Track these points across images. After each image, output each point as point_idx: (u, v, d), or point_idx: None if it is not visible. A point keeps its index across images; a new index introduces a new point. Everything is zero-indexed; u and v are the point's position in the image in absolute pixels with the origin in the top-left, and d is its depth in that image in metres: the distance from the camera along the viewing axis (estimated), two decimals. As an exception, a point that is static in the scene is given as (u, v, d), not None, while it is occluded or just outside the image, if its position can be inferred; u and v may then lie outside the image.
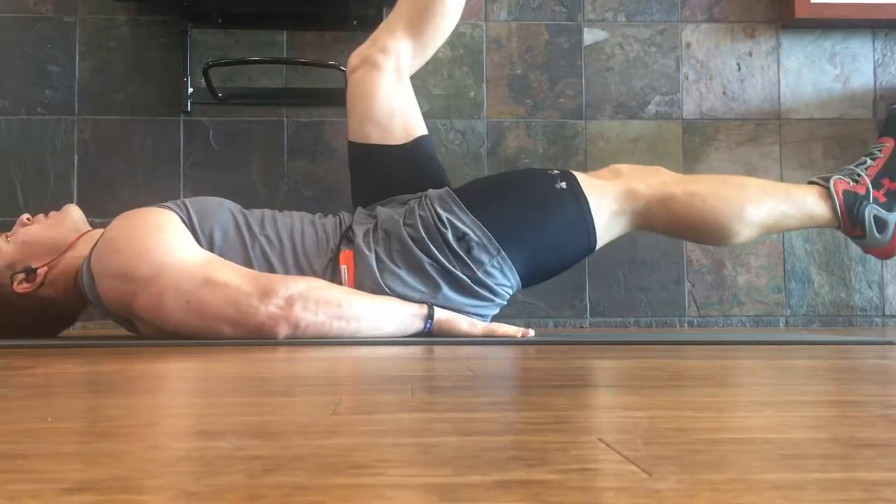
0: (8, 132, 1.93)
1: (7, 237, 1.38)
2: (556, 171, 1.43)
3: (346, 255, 1.32)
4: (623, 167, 1.46)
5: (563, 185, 1.38)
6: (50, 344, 1.20)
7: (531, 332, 1.33)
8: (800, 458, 0.33)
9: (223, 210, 1.36)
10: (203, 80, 1.85)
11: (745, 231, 1.44)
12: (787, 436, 0.39)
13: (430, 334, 1.29)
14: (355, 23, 1.95)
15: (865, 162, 1.51)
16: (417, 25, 1.51)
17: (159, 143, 1.95)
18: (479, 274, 1.32)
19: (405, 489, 0.28)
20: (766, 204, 1.44)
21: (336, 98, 1.95)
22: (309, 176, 1.96)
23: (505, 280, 1.36)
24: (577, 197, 1.38)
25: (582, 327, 1.97)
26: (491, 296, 1.36)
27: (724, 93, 2.05)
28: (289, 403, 0.52)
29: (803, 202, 1.45)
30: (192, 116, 1.95)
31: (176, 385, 0.66)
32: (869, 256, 2.03)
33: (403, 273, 1.30)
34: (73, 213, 1.42)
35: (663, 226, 1.45)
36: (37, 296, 1.34)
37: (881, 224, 1.45)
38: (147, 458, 0.34)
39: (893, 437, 0.39)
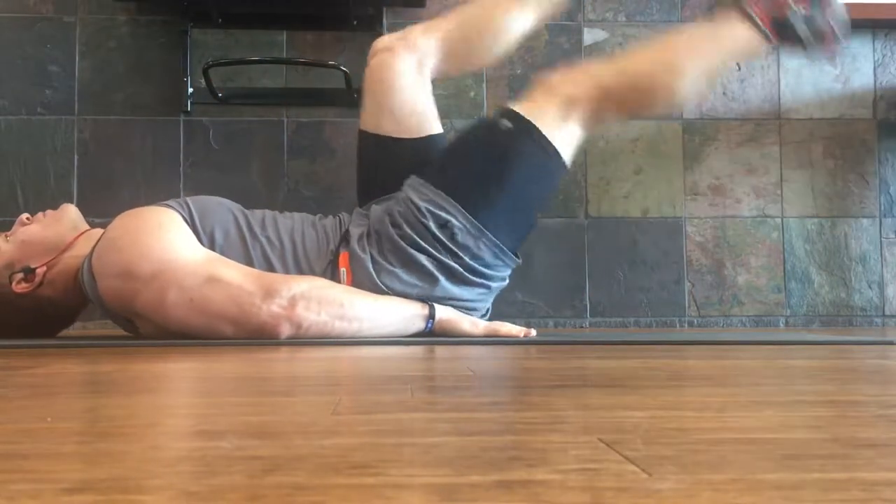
0: (8, 132, 1.93)
1: (6, 237, 1.38)
2: (495, 113, 1.42)
3: (344, 257, 1.32)
4: (552, 79, 1.44)
5: (508, 123, 1.37)
6: (50, 344, 1.20)
7: (533, 332, 1.33)
8: (800, 458, 0.33)
9: (224, 210, 1.36)
10: (203, 80, 1.85)
11: (689, 80, 1.42)
12: (787, 436, 0.39)
13: (432, 334, 1.29)
14: (355, 23, 1.95)
15: None
16: (455, 38, 1.51)
17: (159, 143, 1.95)
18: (468, 259, 1.32)
19: (405, 489, 0.28)
20: (696, 47, 1.44)
21: (336, 98, 1.95)
22: (309, 176, 1.96)
23: (497, 261, 1.36)
24: (527, 130, 1.37)
25: (582, 327, 1.97)
26: (486, 282, 1.36)
27: (724, 93, 2.05)
28: (289, 403, 0.52)
29: (730, 34, 1.44)
30: (192, 116, 1.95)
31: (176, 385, 0.66)
32: (869, 256, 2.04)
33: (399, 271, 1.30)
34: (71, 213, 1.42)
35: (614, 115, 1.46)
36: (36, 295, 1.34)
37: (814, 28, 1.41)
38: (147, 458, 0.34)
39: (893, 437, 0.39)
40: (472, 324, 1.30)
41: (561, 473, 0.30)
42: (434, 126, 1.49)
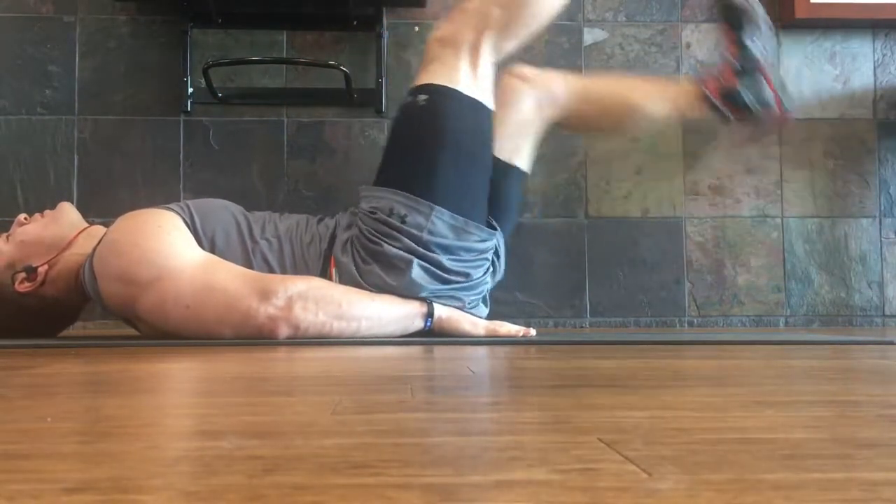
0: (8, 132, 1.93)
1: (6, 238, 1.38)
2: (409, 96, 1.40)
3: (334, 259, 1.33)
4: (442, 32, 1.43)
5: (423, 97, 1.37)
6: (50, 344, 1.20)
7: (532, 332, 1.33)
8: (800, 458, 0.33)
9: (226, 213, 1.36)
10: (203, 80, 1.85)
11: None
12: (787, 436, 0.39)
13: (432, 333, 1.29)
14: (355, 23, 1.95)
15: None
16: (584, 102, 1.57)
17: (159, 143, 1.95)
18: (426, 235, 1.30)
19: (405, 489, 0.28)
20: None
21: (336, 98, 1.95)
22: (309, 176, 1.96)
23: (458, 232, 1.33)
24: (443, 94, 1.36)
25: (582, 327, 1.97)
26: (460, 260, 1.33)
27: (724, 93, 2.05)
28: (289, 403, 0.52)
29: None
30: (192, 116, 1.95)
31: (176, 385, 0.66)
32: (869, 256, 2.04)
33: (376, 268, 1.30)
34: (69, 211, 1.43)
35: (516, 39, 1.44)
36: (38, 294, 1.35)
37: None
38: (147, 458, 0.34)
39: (893, 437, 0.39)
40: (472, 323, 1.30)
41: (561, 473, 0.30)
42: (521, 162, 1.51)
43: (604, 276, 1.99)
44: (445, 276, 1.32)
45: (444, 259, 1.31)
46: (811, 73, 2.06)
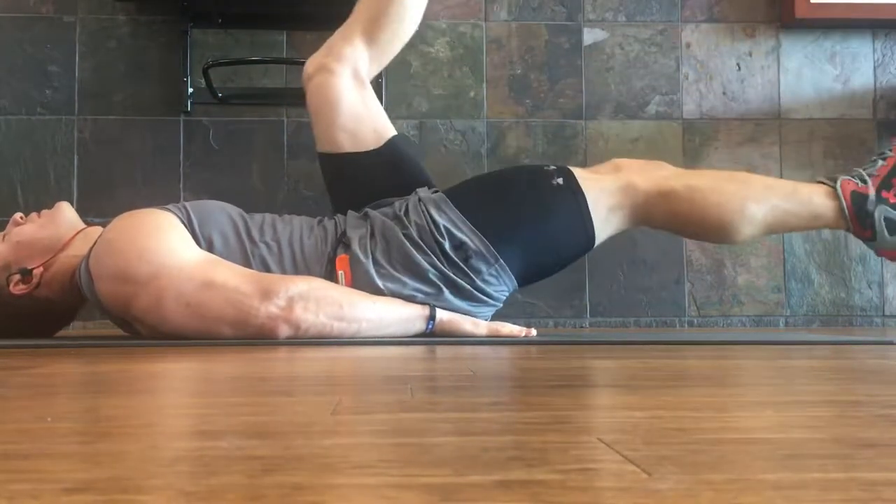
0: (8, 132, 1.93)
1: (2, 237, 1.36)
2: (552, 167, 1.41)
3: (342, 260, 1.31)
4: (624, 161, 1.45)
5: (560, 181, 1.37)
6: (49, 344, 1.20)
7: (534, 332, 1.33)
8: (800, 458, 0.33)
9: (224, 215, 1.35)
10: (203, 80, 1.85)
11: (746, 229, 1.40)
12: (787, 436, 0.39)
13: (433, 335, 1.29)
14: (355, 23, 1.95)
15: (876, 163, 1.44)
16: (374, 32, 1.48)
17: (159, 143, 1.95)
18: (478, 282, 1.32)
19: (405, 489, 0.28)
20: (770, 201, 1.40)
21: (336, 98, 1.95)
22: (309, 176, 1.96)
23: (502, 286, 1.36)
24: (575, 194, 1.36)
25: (582, 327, 1.97)
26: (489, 300, 1.36)
27: (724, 93, 2.05)
28: (289, 403, 0.52)
29: (809, 201, 1.40)
30: (192, 116, 1.95)
31: (176, 385, 0.66)
32: (869, 256, 2.03)
33: (405, 278, 1.29)
34: (66, 211, 1.40)
35: (663, 221, 1.43)
36: (33, 296, 1.33)
37: (892, 225, 1.39)
38: (147, 458, 0.34)
39: (893, 437, 0.39)
40: (474, 324, 1.30)
41: (561, 473, 0.30)
42: (389, 130, 1.48)
43: (604, 276, 1.99)
44: (467, 310, 1.35)
45: (478, 295, 1.34)
46: (811, 73, 2.06)
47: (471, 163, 1.98)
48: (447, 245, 1.30)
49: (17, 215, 1.39)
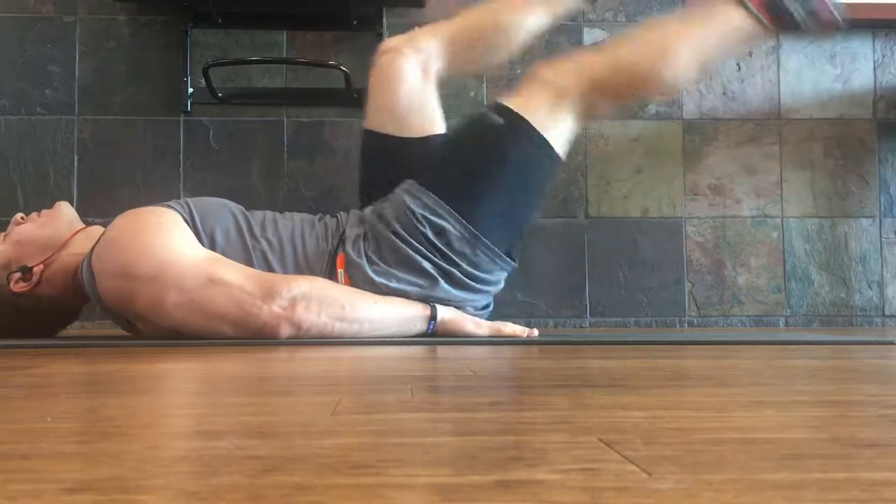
0: (8, 132, 1.93)
1: (3, 238, 1.37)
2: (487, 111, 1.41)
3: (341, 258, 1.32)
4: (541, 71, 1.44)
5: (500, 119, 1.38)
6: (50, 344, 1.20)
7: (535, 332, 1.33)
8: (800, 458, 0.33)
9: (225, 211, 1.35)
10: (203, 80, 1.85)
11: (681, 67, 1.39)
12: (787, 436, 0.39)
13: (435, 335, 1.29)
14: (355, 23, 1.95)
15: None
16: (460, 42, 1.52)
17: (159, 143, 1.95)
18: (466, 265, 1.32)
19: (405, 489, 0.28)
20: (688, 34, 1.41)
21: (336, 98, 1.95)
22: (309, 176, 1.96)
23: (494, 265, 1.36)
24: (518, 125, 1.36)
25: (582, 327, 1.97)
26: (484, 287, 1.37)
27: (724, 93, 2.05)
28: (289, 403, 0.52)
29: (723, 19, 1.41)
30: (192, 116, 1.95)
31: (176, 385, 0.66)
32: (869, 256, 2.04)
33: (399, 272, 1.30)
34: (66, 211, 1.42)
35: (606, 105, 1.44)
36: (34, 294, 1.34)
37: (805, 3, 1.38)
38: (147, 458, 0.34)
39: (893, 437, 0.39)
40: (476, 324, 1.30)
41: (561, 473, 0.30)
42: (437, 127, 1.49)
43: (604, 276, 1.99)
44: (465, 300, 1.35)
45: (470, 283, 1.34)
46: (811, 73, 2.06)
47: (471, 163, 1.98)
48: (429, 233, 1.32)
49: (19, 215, 1.40)
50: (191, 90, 1.93)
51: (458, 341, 1.24)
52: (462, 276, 1.33)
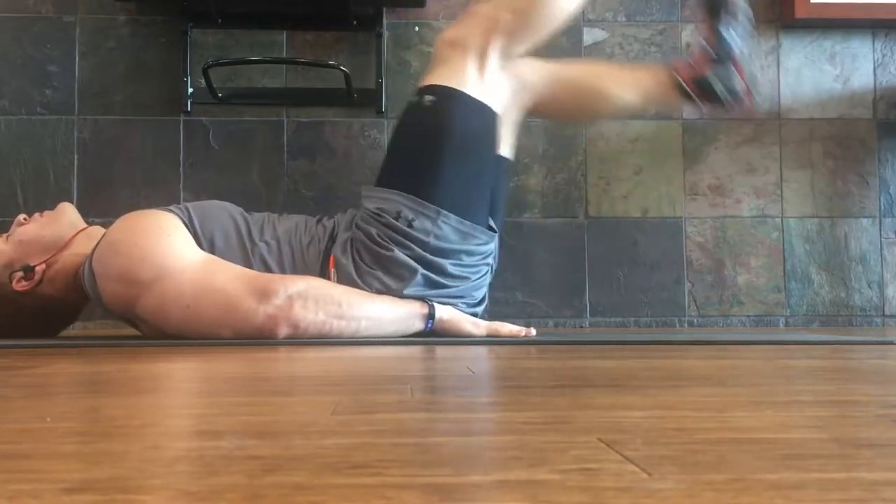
0: (8, 132, 1.93)
1: (5, 238, 1.39)
2: (419, 97, 1.41)
3: (332, 259, 1.33)
4: (452, 34, 1.44)
5: (431, 97, 1.38)
6: (50, 344, 1.20)
7: (533, 332, 1.33)
8: (800, 458, 0.33)
9: (225, 214, 1.36)
10: (203, 80, 1.85)
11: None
12: (787, 436, 0.39)
13: (433, 334, 1.29)
14: (355, 23, 1.95)
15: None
16: (560, 89, 1.55)
17: (159, 143, 1.95)
18: (434, 241, 1.32)
19: (405, 489, 0.28)
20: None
21: (336, 98, 1.95)
22: (309, 176, 1.96)
23: (463, 237, 1.35)
24: (449, 96, 1.37)
25: (582, 327, 1.97)
26: (463, 262, 1.35)
27: (724, 93, 2.05)
28: (289, 403, 0.52)
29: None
30: (192, 116, 1.95)
31: (176, 385, 0.66)
32: (869, 256, 2.04)
33: (378, 272, 1.30)
34: (68, 211, 1.43)
35: (520, 44, 1.44)
36: (36, 294, 1.35)
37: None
38: (147, 458, 0.34)
39: (893, 437, 0.39)
40: (474, 324, 1.30)
41: (561, 473, 0.30)
42: (504, 151, 1.48)
43: (604, 276, 1.99)
44: (445, 282, 1.33)
45: (448, 264, 1.33)
46: (811, 73, 2.06)
47: (471, 163, 1.98)
48: (389, 219, 1.32)
49: (21, 216, 1.42)
50: (191, 90, 1.93)
51: (457, 341, 1.24)
52: (432, 257, 1.31)
